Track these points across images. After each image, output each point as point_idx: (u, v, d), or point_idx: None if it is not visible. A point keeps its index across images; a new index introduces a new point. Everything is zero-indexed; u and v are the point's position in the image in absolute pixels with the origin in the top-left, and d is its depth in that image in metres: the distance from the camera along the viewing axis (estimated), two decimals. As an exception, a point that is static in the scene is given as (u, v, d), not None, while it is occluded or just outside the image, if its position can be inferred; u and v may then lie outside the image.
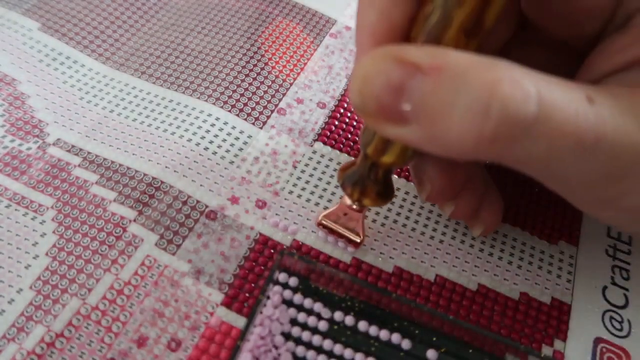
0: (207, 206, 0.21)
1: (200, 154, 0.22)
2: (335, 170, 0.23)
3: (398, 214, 0.22)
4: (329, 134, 0.24)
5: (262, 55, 0.26)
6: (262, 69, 0.26)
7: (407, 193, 0.22)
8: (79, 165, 0.21)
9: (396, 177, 0.23)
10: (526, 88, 0.11)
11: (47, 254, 0.19)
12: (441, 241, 0.21)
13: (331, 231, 0.20)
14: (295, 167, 0.22)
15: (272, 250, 0.20)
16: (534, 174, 0.14)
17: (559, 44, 0.18)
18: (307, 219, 0.21)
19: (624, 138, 0.12)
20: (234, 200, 0.21)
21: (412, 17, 0.14)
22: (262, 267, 0.19)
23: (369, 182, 0.17)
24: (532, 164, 0.13)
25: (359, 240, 0.20)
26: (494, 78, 0.11)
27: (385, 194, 0.18)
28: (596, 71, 0.16)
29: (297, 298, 0.19)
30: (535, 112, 0.11)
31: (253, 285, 0.19)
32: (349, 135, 0.24)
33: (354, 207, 0.19)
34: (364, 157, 0.17)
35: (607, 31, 0.16)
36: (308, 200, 0.21)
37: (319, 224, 0.20)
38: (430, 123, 0.12)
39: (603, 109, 0.12)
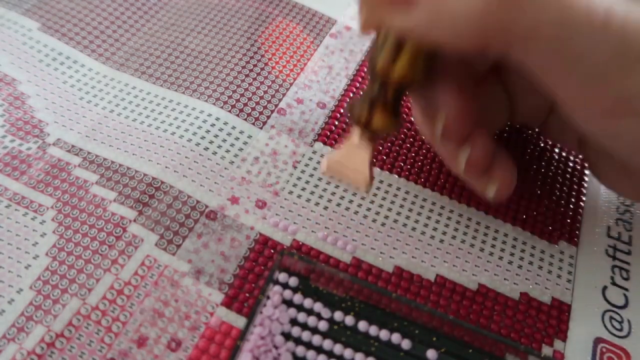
0: (207, 206, 0.21)
1: (200, 154, 0.22)
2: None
3: (398, 213, 0.22)
4: (329, 134, 0.24)
5: (262, 55, 0.26)
6: (262, 69, 0.26)
7: (407, 193, 0.22)
8: (79, 165, 0.21)
9: (396, 177, 0.23)
10: None
11: (47, 254, 0.19)
12: (441, 241, 0.21)
13: (338, 174, 0.19)
14: (295, 167, 0.22)
15: (272, 250, 0.20)
16: (545, 63, 0.13)
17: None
18: (307, 219, 0.21)
19: (635, 24, 0.12)
20: (234, 200, 0.21)
21: None
22: (262, 267, 0.19)
23: (379, 103, 0.17)
24: (542, 43, 0.12)
25: (367, 184, 0.18)
26: None
27: (395, 116, 0.17)
28: None
29: (297, 298, 0.19)
30: None
31: (253, 285, 0.19)
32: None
33: (362, 139, 0.18)
34: (372, 78, 0.17)
35: None
36: (308, 200, 0.21)
37: (326, 169, 0.18)
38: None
39: None
